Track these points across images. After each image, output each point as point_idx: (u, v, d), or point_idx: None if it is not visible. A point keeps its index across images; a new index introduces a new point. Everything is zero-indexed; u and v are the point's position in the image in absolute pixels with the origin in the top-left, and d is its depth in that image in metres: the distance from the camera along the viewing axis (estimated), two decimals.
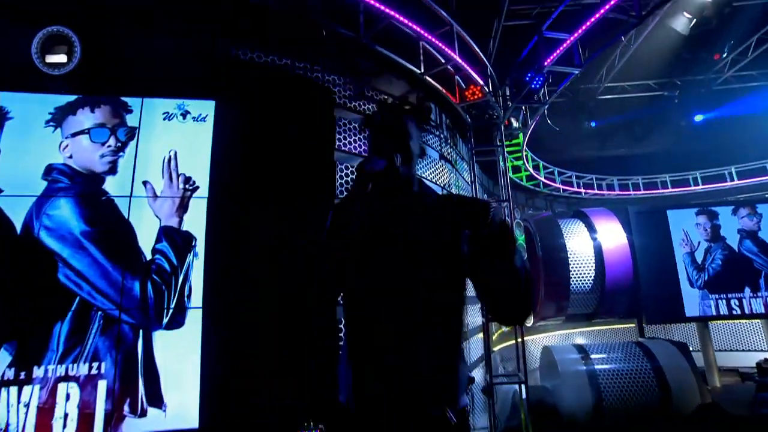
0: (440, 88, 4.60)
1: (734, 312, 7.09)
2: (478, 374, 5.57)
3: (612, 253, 7.02)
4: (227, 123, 3.43)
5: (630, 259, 7.09)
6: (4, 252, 2.99)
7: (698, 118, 10.27)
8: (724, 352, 8.35)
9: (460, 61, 4.07)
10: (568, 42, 3.88)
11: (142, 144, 3.29)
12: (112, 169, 3.21)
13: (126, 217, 3.15)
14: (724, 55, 8.45)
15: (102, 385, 2.88)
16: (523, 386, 4.79)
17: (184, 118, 3.39)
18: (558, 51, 3.94)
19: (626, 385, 5.72)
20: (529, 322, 8.50)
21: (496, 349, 7.48)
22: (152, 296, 3.05)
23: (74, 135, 3.24)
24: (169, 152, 3.30)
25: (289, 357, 3.18)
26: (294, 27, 3.53)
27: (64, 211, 3.09)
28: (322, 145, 3.65)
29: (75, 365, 2.89)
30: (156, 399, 2.92)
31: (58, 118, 3.26)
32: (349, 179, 3.81)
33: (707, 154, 10.54)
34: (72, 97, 3.29)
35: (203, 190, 3.31)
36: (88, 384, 2.87)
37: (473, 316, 5.68)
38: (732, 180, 10.52)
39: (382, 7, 3.56)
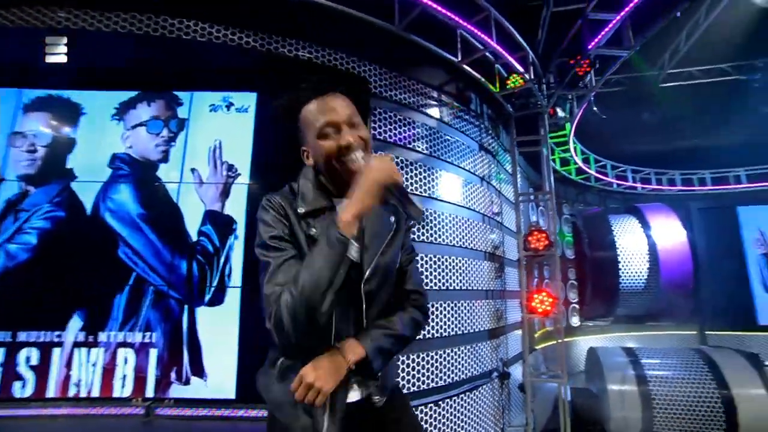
0: (479, 76, 4.51)
1: None
2: (516, 371, 5.43)
3: (668, 252, 6.48)
4: (267, 113, 3.61)
5: (690, 259, 6.51)
6: (77, 229, 3.39)
7: None
8: None
9: (497, 47, 3.95)
10: (615, 22, 3.60)
11: (191, 134, 3.56)
12: (165, 158, 3.52)
13: (175, 201, 3.43)
14: None
15: (153, 353, 3.19)
16: (563, 387, 4.60)
17: (228, 109, 3.62)
18: (603, 32, 3.68)
19: (682, 395, 5.29)
20: (576, 322, 8.11)
21: (539, 347, 7.21)
22: (197, 274, 3.32)
23: (134, 127, 3.58)
24: (214, 141, 3.55)
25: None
26: (329, 19, 3.63)
27: (124, 195, 3.44)
28: None
29: (131, 333, 3.22)
30: (198, 369, 3.19)
31: (122, 112, 3.62)
32: None
33: None
34: (133, 93, 3.64)
35: (244, 177, 3.52)
36: (141, 351, 3.20)
37: (512, 311, 5.54)
38: None
39: None
